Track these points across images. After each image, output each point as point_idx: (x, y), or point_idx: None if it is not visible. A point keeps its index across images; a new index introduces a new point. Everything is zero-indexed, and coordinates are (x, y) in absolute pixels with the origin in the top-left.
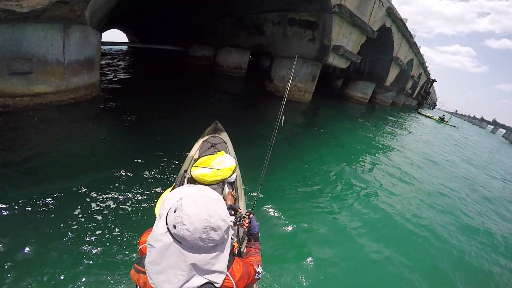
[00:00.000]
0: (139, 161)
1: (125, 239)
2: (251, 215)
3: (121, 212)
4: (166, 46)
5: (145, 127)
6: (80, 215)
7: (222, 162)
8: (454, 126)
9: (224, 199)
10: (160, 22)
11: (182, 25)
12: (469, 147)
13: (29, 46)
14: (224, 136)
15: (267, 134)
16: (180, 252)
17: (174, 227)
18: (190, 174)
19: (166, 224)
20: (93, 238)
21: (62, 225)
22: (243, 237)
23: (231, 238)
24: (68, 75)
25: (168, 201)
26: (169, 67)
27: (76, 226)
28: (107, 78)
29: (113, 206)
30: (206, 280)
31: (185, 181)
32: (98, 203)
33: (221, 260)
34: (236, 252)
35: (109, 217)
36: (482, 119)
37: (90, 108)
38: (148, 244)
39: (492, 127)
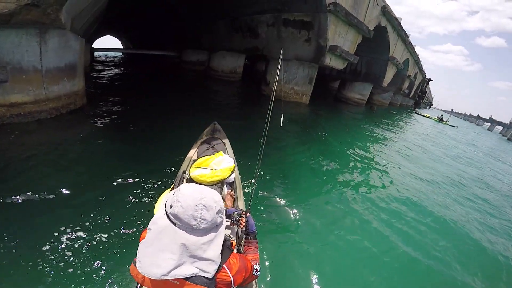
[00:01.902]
0: (135, 165)
1: (124, 240)
2: (248, 214)
3: (120, 214)
4: (160, 52)
5: (138, 135)
6: (80, 218)
7: (221, 163)
8: (453, 126)
9: (223, 200)
10: (153, 28)
11: (176, 31)
12: (473, 147)
13: (2, 53)
14: (223, 136)
15: (267, 139)
16: (173, 232)
17: (171, 206)
18: (189, 175)
19: (165, 208)
20: (92, 240)
21: (63, 227)
22: (241, 236)
23: (229, 236)
24: (47, 83)
25: (169, 193)
26: (162, 73)
27: (76, 227)
28: (97, 86)
29: (112, 208)
30: (197, 270)
31: (184, 182)
32: (96, 206)
33: (213, 248)
34: (235, 249)
35: (108, 218)
36: (478, 117)
37: (74, 119)
38: (148, 228)
39: (489, 124)
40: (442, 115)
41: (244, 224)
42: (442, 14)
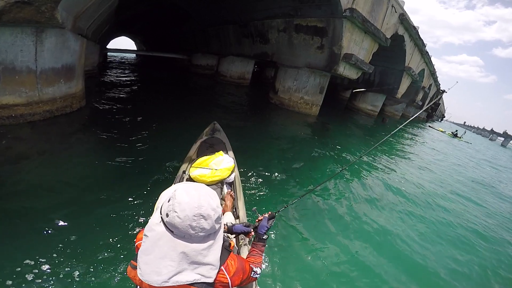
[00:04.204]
0: (133, 165)
1: (123, 240)
2: (266, 215)
3: (118, 215)
4: (170, 55)
5: (136, 136)
6: (77, 219)
7: (221, 162)
8: (468, 142)
9: (223, 199)
10: (164, 31)
11: (186, 34)
12: (498, 171)
13: None
14: (223, 136)
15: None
16: (172, 241)
17: (167, 215)
18: (189, 174)
19: (161, 214)
20: (90, 241)
21: (61, 228)
22: (253, 237)
23: (227, 237)
24: (42, 84)
25: (165, 194)
26: (171, 76)
27: (75, 227)
28: (101, 87)
29: (110, 209)
30: (198, 276)
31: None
32: (93, 208)
33: (213, 252)
34: (233, 250)
35: (106, 219)
36: (492, 131)
37: (68, 122)
38: (144, 235)
39: (503, 139)
40: (456, 131)
41: (257, 221)
42: (457, 24)
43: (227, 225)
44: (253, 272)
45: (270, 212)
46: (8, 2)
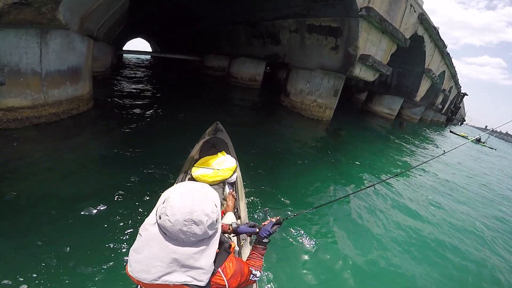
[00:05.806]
0: (137, 165)
1: (125, 239)
2: (273, 220)
3: (122, 215)
4: (183, 56)
5: (141, 136)
6: (81, 220)
7: (223, 163)
8: (492, 148)
9: (225, 200)
10: (177, 32)
11: (198, 35)
12: None
13: None
14: (225, 136)
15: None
16: (163, 243)
17: (160, 217)
18: (191, 174)
19: (156, 215)
20: (92, 241)
21: (64, 230)
22: (254, 239)
23: (228, 237)
24: (47, 87)
25: (164, 195)
26: (182, 78)
27: (77, 230)
28: (112, 88)
29: (112, 209)
30: (189, 279)
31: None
32: (97, 209)
33: (206, 257)
34: (233, 251)
35: (110, 218)
36: None
37: (74, 125)
38: (138, 233)
39: None
40: (480, 136)
41: (262, 225)
42: (478, 25)
43: (232, 226)
44: (252, 275)
45: (278, 217)
46: (6, 4)
